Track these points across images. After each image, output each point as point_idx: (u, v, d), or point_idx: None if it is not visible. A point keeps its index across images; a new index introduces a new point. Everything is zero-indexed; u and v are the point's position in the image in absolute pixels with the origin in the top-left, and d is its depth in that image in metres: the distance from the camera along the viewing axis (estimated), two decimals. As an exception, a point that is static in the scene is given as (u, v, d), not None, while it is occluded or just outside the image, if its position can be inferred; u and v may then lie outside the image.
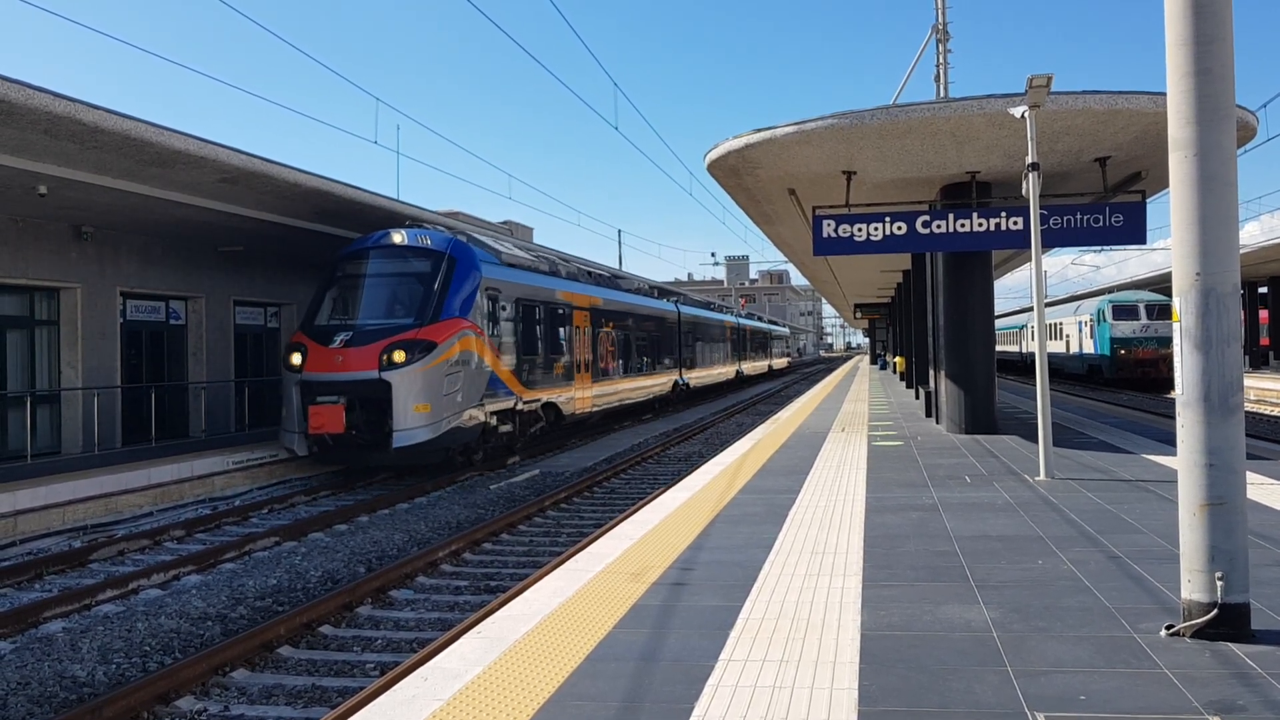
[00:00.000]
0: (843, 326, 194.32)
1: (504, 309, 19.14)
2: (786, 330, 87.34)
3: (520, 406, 19.77)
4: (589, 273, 28.69)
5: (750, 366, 57.50)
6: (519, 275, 20.54)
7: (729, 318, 50.94)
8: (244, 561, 11.21)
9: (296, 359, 16.96)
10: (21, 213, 16.97)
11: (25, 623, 8.74)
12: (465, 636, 5.22)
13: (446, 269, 17.66)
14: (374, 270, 18.05)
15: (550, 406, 21.77)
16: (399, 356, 16.36)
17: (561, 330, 22.73)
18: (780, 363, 76.79)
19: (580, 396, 23.95)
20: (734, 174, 14.58)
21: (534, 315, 20.99)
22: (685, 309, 38.84)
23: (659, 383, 32.98)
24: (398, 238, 18.20)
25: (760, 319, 72.75)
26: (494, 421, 18.53)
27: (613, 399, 27.00)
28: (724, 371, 47.31)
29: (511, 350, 19.52)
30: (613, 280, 31.05)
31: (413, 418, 16.28)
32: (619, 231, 67.78)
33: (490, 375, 18.26)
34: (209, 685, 7.24)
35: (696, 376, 39.96)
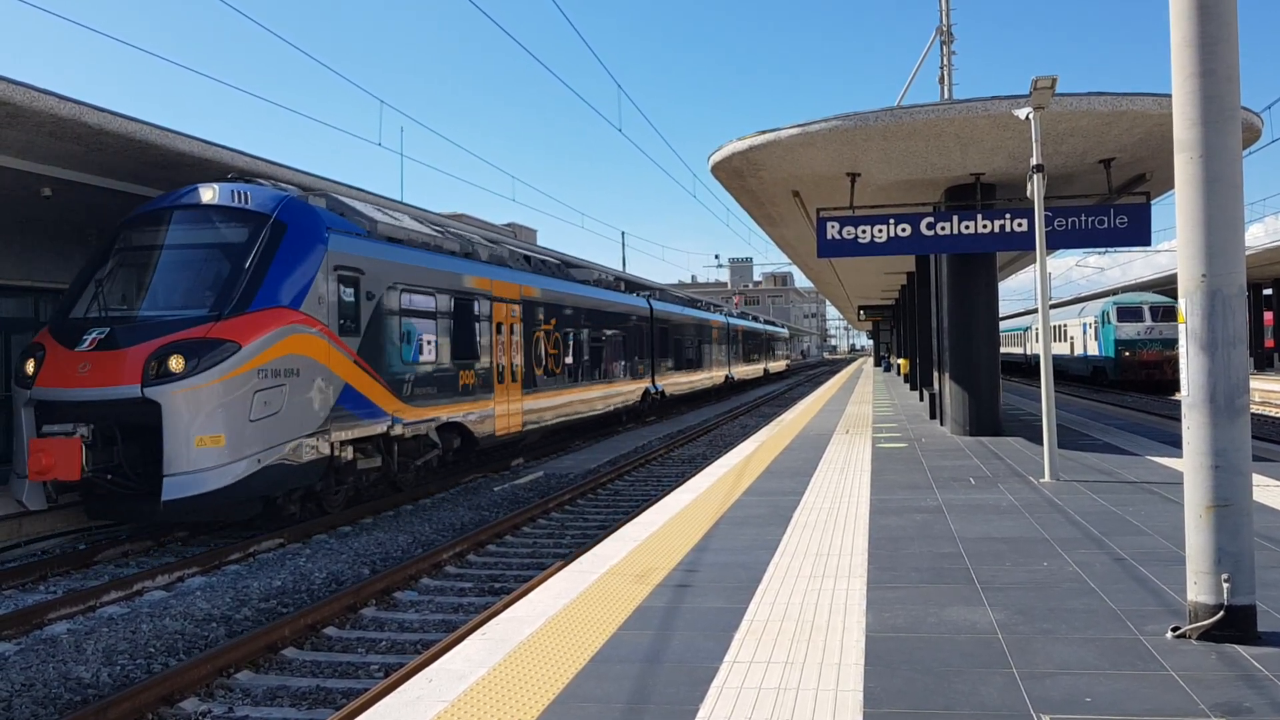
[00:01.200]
0: (846, 328, 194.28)
1: (371, 297, 14.19)
2: (785, 331, 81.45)
3: (399, 430, 14.78)
4: (526, 258, 22.90)
5: (743, 371, 52.84)
6: (401, 254, 15.45)
7: (717, 317, 45.75)
8: (248, 563, 11.22)
9: (30, 367, 12.00)
10: None
11: (30, 624, 8.75)
12: (470, 638, 5.22)
13: (270, 239, 12.59)
14: (167, 240, 12.91)
15: (453, 428, 16.84)
16: (175, 364, 11.33)
17: (476, 328, 17.68)
18: (778, 365, 72.05)
19: (505, 412, 18.85)
20: (738, 176, 14.58)
21: (428, 307, 16.00)
22: (660, 305, 33.85)
23: (623, 392, 27.98)
24: (206, 195, 13.11)
25: (756, 319, 68.14)
26: (350, 454, 13.52)
27: (554, 413, 21.98)
28: (709, 377, 42.46)
29: (385, 354, 14.52)
30: (561, 269, 25.54)
31: (195, 455, 11.24)
32: (623, 233, 67.74)
33: (343, 389, 13.28)
34: (213, 687, 7.24)
35: (674, 383, 34.97)
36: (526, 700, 4.26)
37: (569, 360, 23.11)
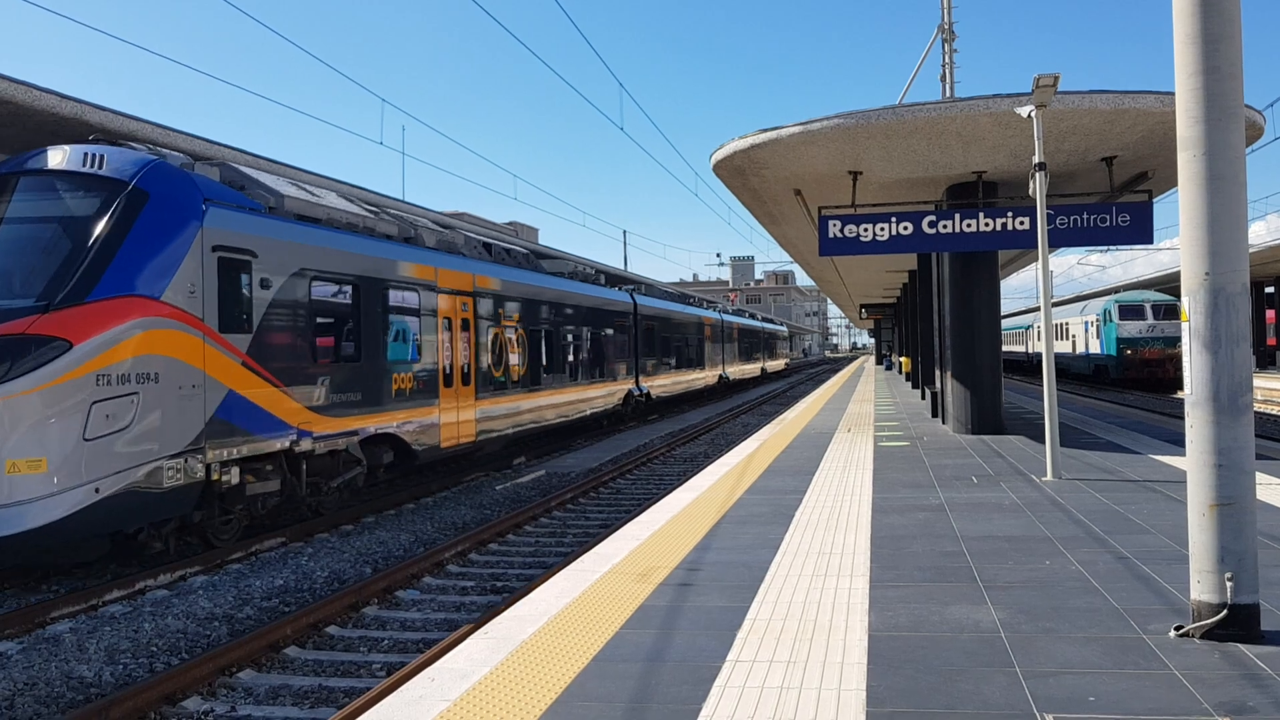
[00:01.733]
0: (848, 327, 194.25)
1: (268, 285, 11.88)
2: (784, 329, 78.31)
3: (308, 446, 12.51)
4: (486, 246, 20.24)
5: (739, 370, 50.50)
6: (313, 235, 12.90)
7: (709, 313, 42.96)
8: (251, 562, 11.22)
9: None
10: None
11: (32, 623, 8.76)
12: (472, 637, 5.22)
13: (124, 211, 10.34)
14: (3, 214, 10.62)
15: (384, 440, 14.50)
16: None
17: (414, 323, 15.30)
18: (776, 365, 68.97)
19: (453, 420, 16.41)
20: (740, 175, 14.58)
21: (347, 299, 13.55)
22: (645, 301, 31.36)
23: (602, 394, 25.61)
24: (55, 158, 10.83)
25: (754, 316, 65.85)
26: (234, 478, 11.24)
27: (517, 420, 19.39)
28: (700, 378, 39.90)
29: (287, 354, 12.23)
30: (529, 260, 22.73)
31: (9, 485, 9.16)
32: (624, 232, 67.76)
33: (226, 397, 11.08)
34: (216, 686, 7.25)
35: (661, 384, 32.61)
36: (529, 699, 4.25)
37: (536, 360, 20.56)
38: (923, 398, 24.49)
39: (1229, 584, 4.70)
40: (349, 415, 13.42)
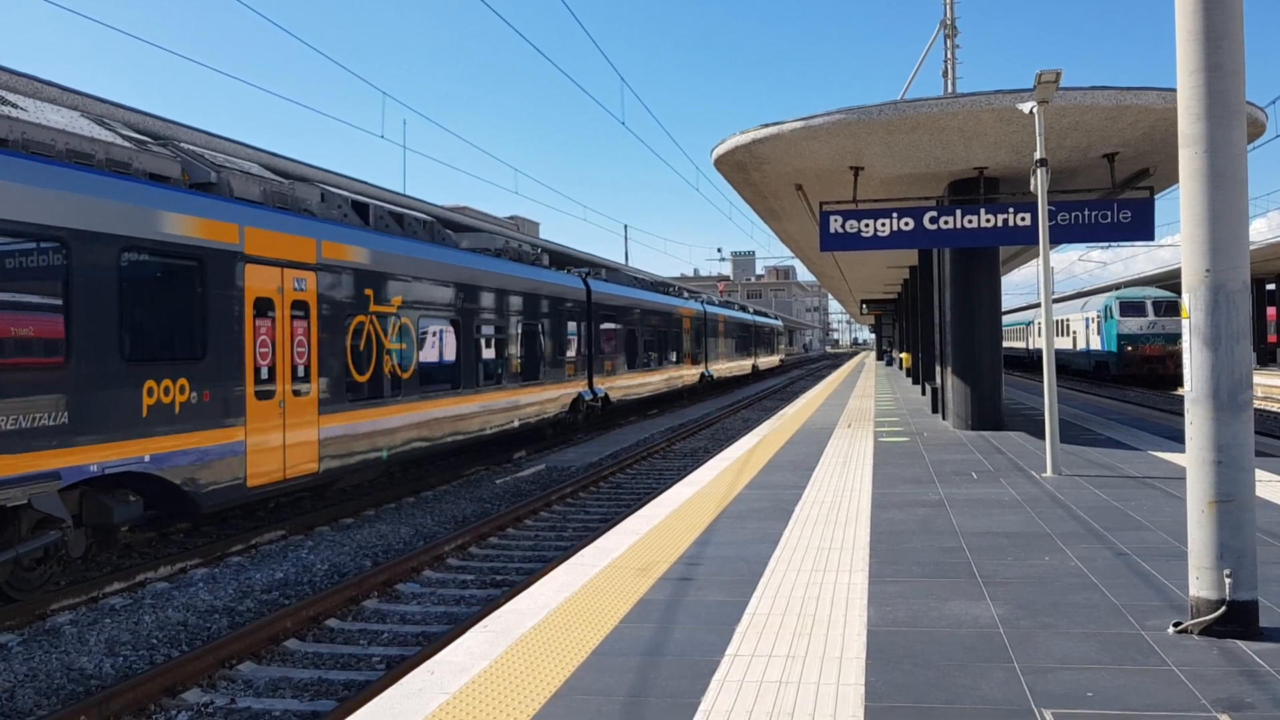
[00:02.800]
0: (849, 322, 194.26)
1: None
2: (778, 322, 72.14)
3: None
4: (360, 208, 15.24)
5: (725, 367, 45.48)
6: None
7: (688, 304, 37.94)
8: (251, 555, 11.24)
9: None
10: None
11: (33, 615, 8.77)
12: (471, 630, 5.23)
13: None
14: None
15: (129, 483, 10.00)
16: None
17: (197, 305, 10.82)
18: (770, 361, 63.52)
19: (272, 445, 11.82)
20: (741, 169, 14.56)
21: (57, 264, 9.12)
22: (603, 287, 26.46)
23: (538, 400, 20.58)
24: None
25: (745, 308, 60.38)
26: None
27: (394, 440, 14.51)
28: (677, 376, 34.97)
29: None
30: (429, 229, 17.23)
31: None
32: (625, 227, 67.64)
33: None
34: (216, 678, 7.26)
35: (623, 385, 27.50)
36: (528, 693, 4.26)
37: (436, 359, 15.95)
38: (923, 393, 24.50)
39: (1228, 581, 4.71)
40: (37, 447, 8.70)
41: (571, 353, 23.05)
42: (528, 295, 20.23)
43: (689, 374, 37.21)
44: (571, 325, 23.13)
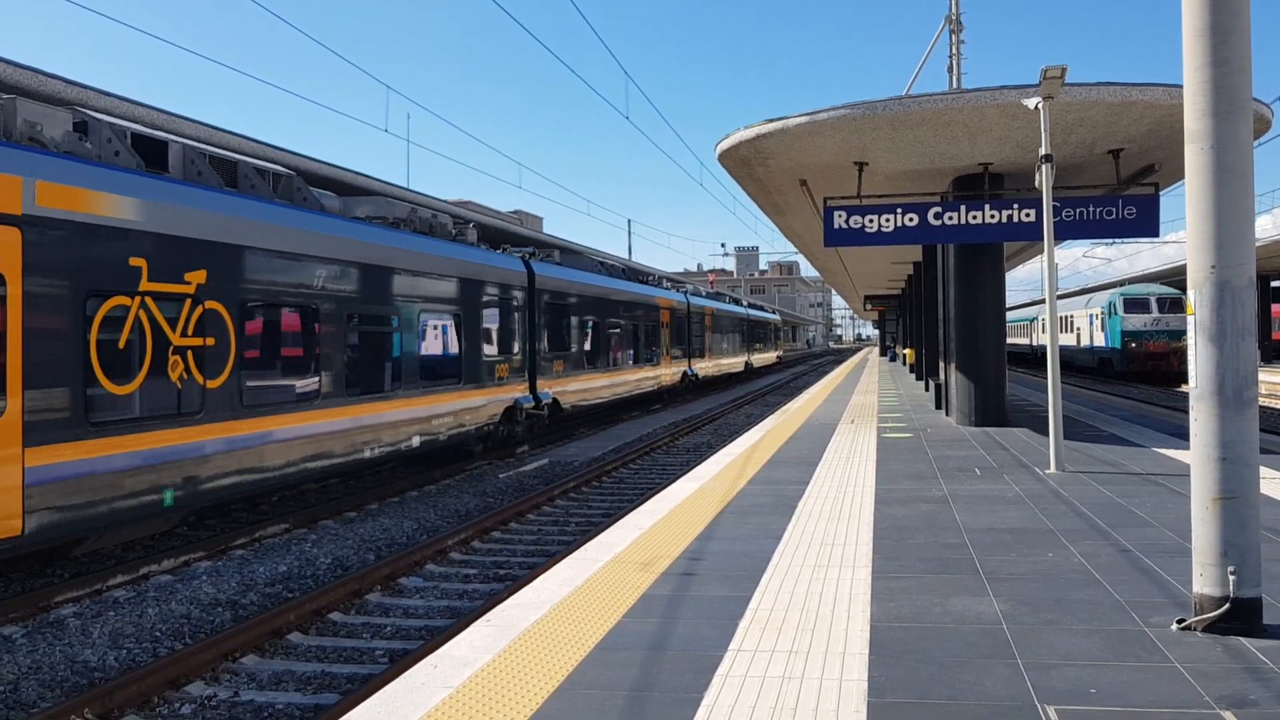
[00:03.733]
0: (852, 318, 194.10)
1: None
2: (775, 316, 66.22)
3: None
4: (136, 139, 10.93)
5: (711, 365, 40.13)
6: None
7: (668, 294, 33.53)
8: (254, 548, 11.26)
9: None
10: None
11: (37, 607, 8.80)
12: (474, 624, 5.23)
13: None
14: None
15: None
16: None
17: None
18: (765, 358, 58.20)
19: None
20: (745, 164, 14.54)
21: None
22: (551, 271, 21.99)
23: (452, 411, 16.46)
24: None
25: (738, 301, 53.92)
26: None
27: (176, 476, 10.13)
28: (651, 376, 30.28)
29: None
30: (282, 183, 13.34)
31: None
32: (629, 221, 67.62)
33: None
34: (219, 671, 7.28)
35: (578, 389, 23.14)
36: (531, 687, 4.27)
37: (266, 360, 11.76)
38: (926, 389, 24.47)
39: (1231, 577, 4.70)
40: None
41: (506, 350, 18.80)
42: (435, 276, 15.96)
43: (668, 373, 32.55)
44: (506, 316, 18.89)
